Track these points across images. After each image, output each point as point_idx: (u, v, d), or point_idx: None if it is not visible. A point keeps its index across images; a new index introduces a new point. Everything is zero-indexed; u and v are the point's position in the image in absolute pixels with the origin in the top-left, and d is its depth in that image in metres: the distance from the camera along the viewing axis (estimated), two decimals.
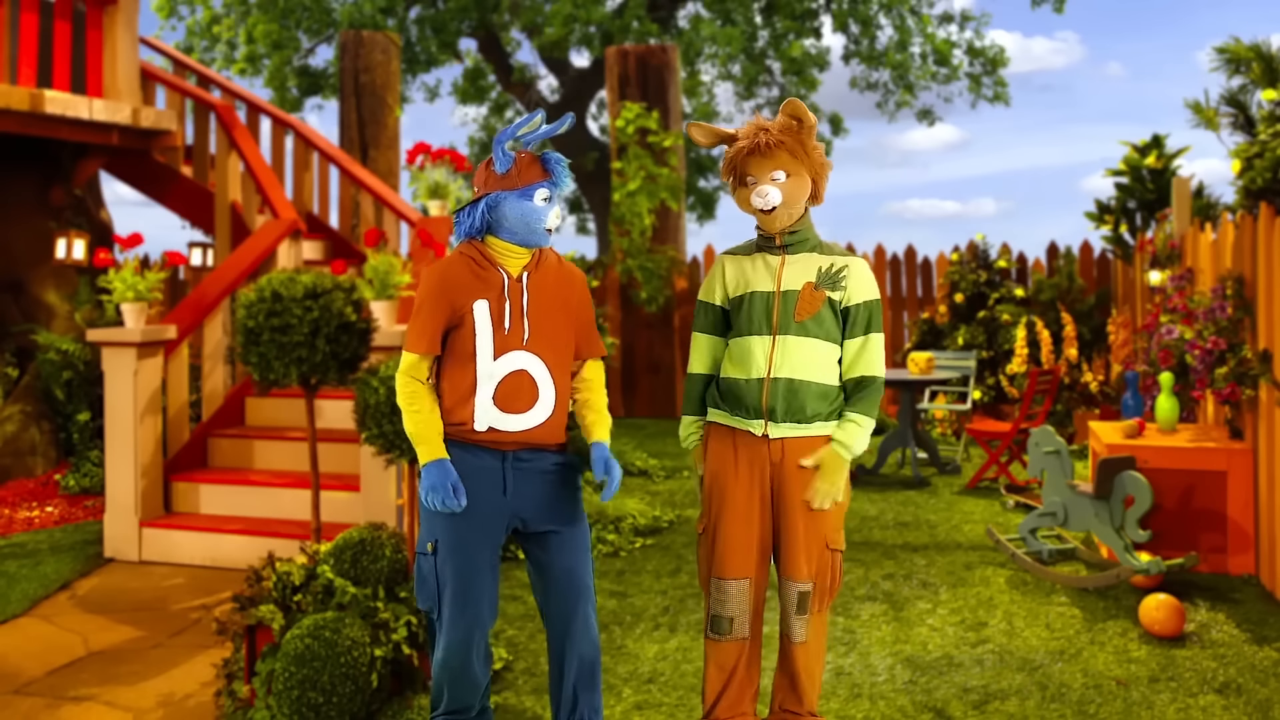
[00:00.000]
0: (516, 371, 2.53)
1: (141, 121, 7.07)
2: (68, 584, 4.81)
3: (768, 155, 2.57)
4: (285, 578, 3.27)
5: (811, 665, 2.67)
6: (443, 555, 2.54)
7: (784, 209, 2.60)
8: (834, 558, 2.65)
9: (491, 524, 2.56)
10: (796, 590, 2.61)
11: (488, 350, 2.51)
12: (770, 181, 2.59)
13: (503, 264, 2.55)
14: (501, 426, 2.52)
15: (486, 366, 2.51)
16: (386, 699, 3.12)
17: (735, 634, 2.67)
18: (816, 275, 2.61)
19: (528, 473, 2.57)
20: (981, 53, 15.53)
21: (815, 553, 2.62)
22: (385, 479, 4.81)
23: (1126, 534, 4.27)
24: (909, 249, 9.60)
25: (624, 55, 10.19)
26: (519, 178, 2.51)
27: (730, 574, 2.65)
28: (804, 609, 2.62)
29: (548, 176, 2.52)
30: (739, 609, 2.66)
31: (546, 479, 2.60)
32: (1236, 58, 6.12)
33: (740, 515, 2.65)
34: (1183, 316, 5.17)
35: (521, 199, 2.50)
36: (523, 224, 2.51)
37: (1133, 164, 7.41)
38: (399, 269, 5.01)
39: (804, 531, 2.61)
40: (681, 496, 6.38)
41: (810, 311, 2.58)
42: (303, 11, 14.39)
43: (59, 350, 6.68)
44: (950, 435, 8.25)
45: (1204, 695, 3.29)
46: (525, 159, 2.53)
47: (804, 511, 2.60)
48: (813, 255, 2.64)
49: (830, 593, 2.66)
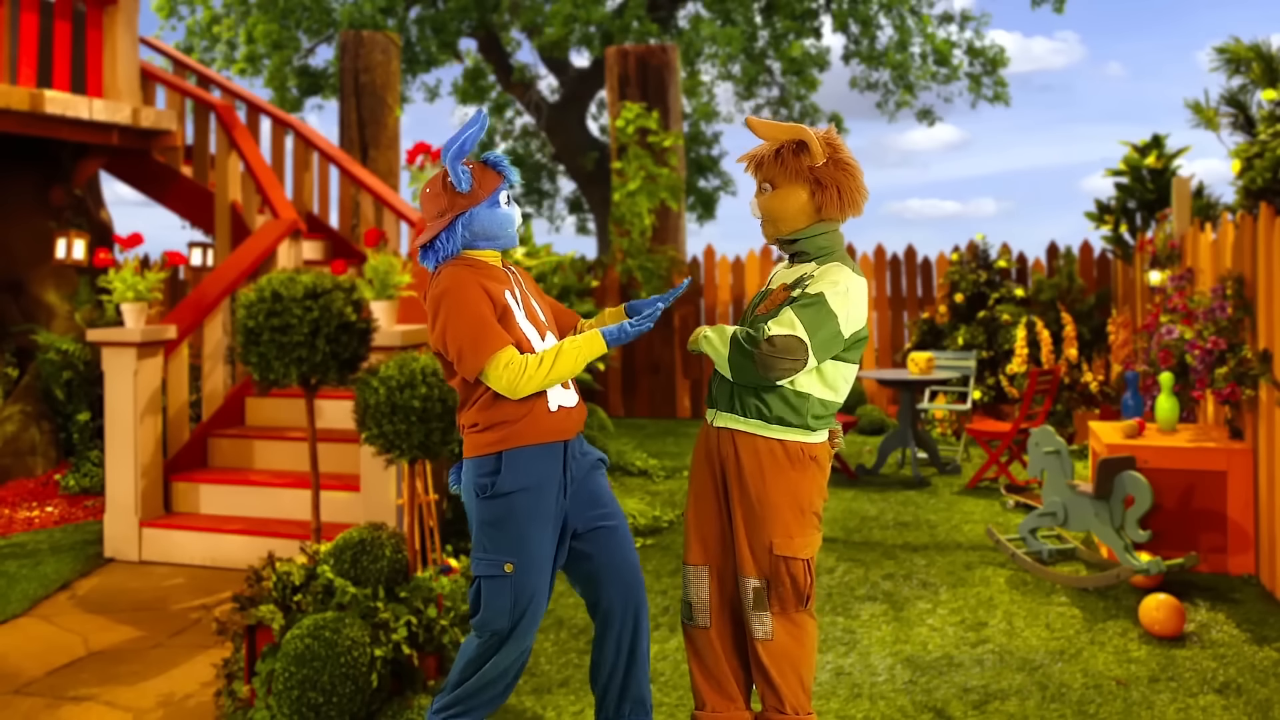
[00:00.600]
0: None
1: (141, 121, 7.07)
2: (68, 584, 4.81)
3: (759, 165, 2.63)
4: (285, 578, 3.27)
5: (781, 665, 2.59)
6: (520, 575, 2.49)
7: (766, 224, 2.65)
8: (787, 564, 2.55)
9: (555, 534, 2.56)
10: (749, 585, 2.59)
11: (534, 332, 2.55)
12: (759, 192, 2.64)
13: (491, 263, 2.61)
14: (566, 402, 2.56)
15: (539, 347, 2.54)
16: (386, 699, 3.12)
17: (697, 621, 2.70)
18: (794, 280, 2.61)
19: (580, 467, 2.61)
20: (981, 53, 15.53)
21: (760, 553, 2.57)
22: (385, 479, 4.81)
23: (1126, 534, 4.27)
24: (909, 249, 9.60)
25: (624, 55, 10.19)
26: (481, 189, 2.52)
27: (690, 559, 2.72)
28: (759, 605, 2.58)
29: (502, 178, 2.56)
30: (696, 595, 2.70)
31: (591, 474, 2.64)
32: (1236, 58, 6.13)
33: (699, 502, 2.71)
34: (1183, 316, 5.17)
35: (491, 208, 2.53)
36: (499, 229, 2.55)
37: (1133, 164, 7.41)
38: (399, 269, 5.01)
39: (744, 529, 2.60)
40: (681, 496, 6.38)
41: (769, 308, 2.59)
42: (303, 11, 14.39)
43: (59, 350, 6.68)
44: (950, 435, 8.25)
45: (1204, 695, 3.29)
46: (478, 169, 2.54)
47: (743, 509, 2.60)
48: (809, 265, 2.62)
49: (793, 599, 2.57)
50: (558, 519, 2.55)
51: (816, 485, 2.61)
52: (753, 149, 2.67)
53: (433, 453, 3.89)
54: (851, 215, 2.65)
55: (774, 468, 2.56)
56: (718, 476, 2.66)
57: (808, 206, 2.60)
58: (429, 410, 3.80)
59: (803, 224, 2.62)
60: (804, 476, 2.58)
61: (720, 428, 2.63)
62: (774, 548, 2.56)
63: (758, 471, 2.57)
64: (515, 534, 2.48)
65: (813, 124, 16.36)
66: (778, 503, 2.56)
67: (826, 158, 2.58)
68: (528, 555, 2.48)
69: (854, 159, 2.63)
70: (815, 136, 2.58)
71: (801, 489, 2.58)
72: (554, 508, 2.53)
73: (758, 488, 2.57)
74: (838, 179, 2.58)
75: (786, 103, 16.15)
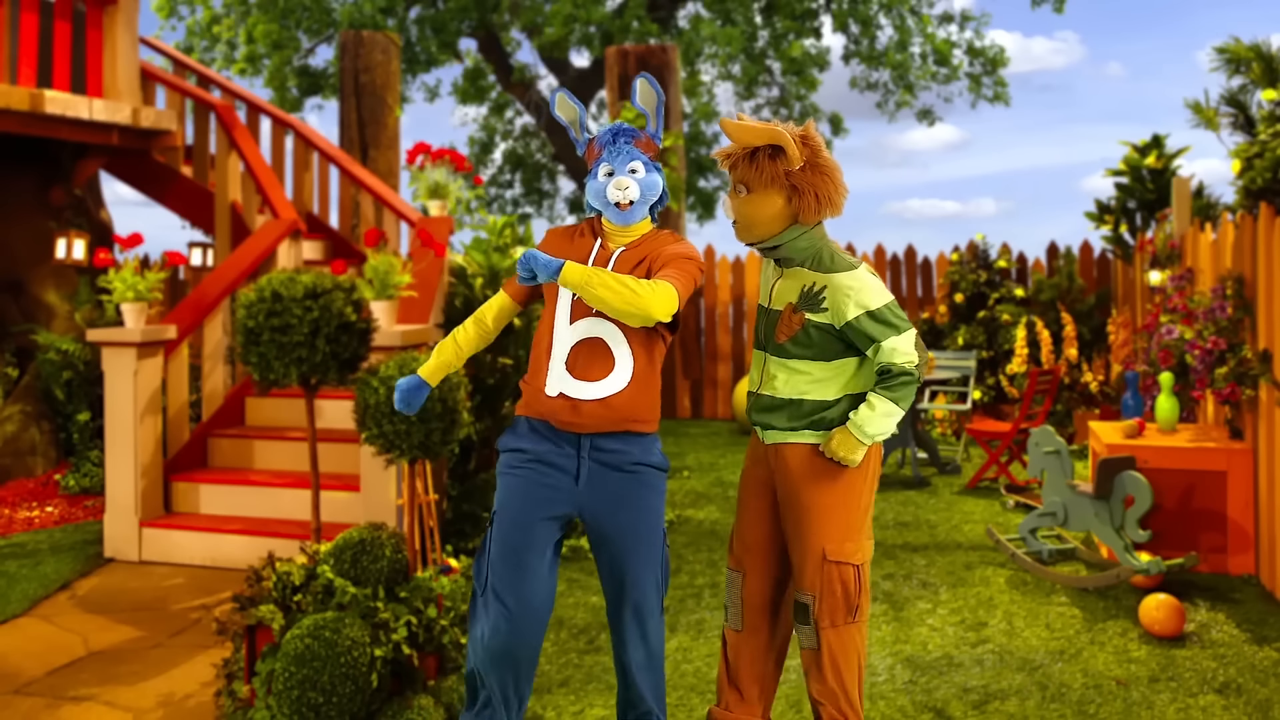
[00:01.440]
0: (591, 339, 2.49)
1: (141, 121, 7.07)
2: (68, 584, 4.80)
3: (734, 167, 2.55)
4: (285, 578, 3.27)
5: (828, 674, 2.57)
6: (497, 526, 2.51)
7: (740, 228, 2.57)
8: (839, 570, 2.53)
9: (553, 508, 2.51)
10: (797, 599, 2.59)
11: (565, 313, 2.51)
12: (734, 193, 2.57)
13: (606, 238, 2.58)
14: (572, 393, 2.48)
15: (563, 330, 2.51)
16: (386, 699, 3.12)
17: (730, 623, 2.72)
18: (798, 296, 2.56)
19: (606, 467, 2.51)
20: (981, 53, 15.53)
21: (813, 562, 2.54)
22: (385, 479, 4.81)
23: (1126, 534, 4.27)
24: (909, 249, 9.60)
25: (624, 55, 10.18)
26: (588, 162, 2.61)
27: (730, 564, 2.73)
28: (803, 619, 2.57)
29: (600, 152, 2.55)
30: (730, 598, 2.71)
31: (625, 481, 2.53)
32: (1236, 58, 6.12)
33: (744, 508, 2.71)
34: (1183, 316, 5.17)
35: (590, 179, 2.57)
36: (598, 200, 2.56)
37: (1133, 164, 7.41)
38: (399, 269, 5.00)
39: (799, 540, 2.57)
40: (681, 496, 6.38)
41: (789, 333, 2.55)
42: (303, 11, 14.39)
43: (59, 350, 6.68)
44: (950, 435, 8.25)
45: (1204, 695, 3.29)
46: (590, 143, 2.61)
47: (794, 520, 2.57)
48: (802, 271, 2.56)
49: (843, 609, 2.54)
50: (558, 498, 2.51)
51: (868, 488, 2.60)
52: (727, 147, 2.59)
53: (433, 453, 3.89)
54: (830, 216, 2.56)
55: (827, 473, 2.55)
56: (769, 487, 2.65)
57: (784, 212, 2.51)
58: (429, 410, 3.80)
59: (778, 229, 2.53)
60: (855, 479, 2.57)
61: (771, 444, 2.62)
62: (826, 554, 2.53)
63: (811, 478, 2.55)
64: (501, 488, 2.55)
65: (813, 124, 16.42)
66: (831, 507, 2.54)
67: (804, 161, 2.48)
68: (506, 511, 2.51)
69: (831, 159, 2.53)
70: (792, 138, 2.46)
71: (853, 492, 2.57)
72: (551, 482, 2.50)
73: (810, 494, 2.55)
74: (815, 184, 2.49)
75: (786, 103, 16.15)
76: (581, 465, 2.51)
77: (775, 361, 2.59)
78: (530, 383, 2.57)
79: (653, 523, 2.56)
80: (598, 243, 2.56)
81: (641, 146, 2.54)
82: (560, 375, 2.50)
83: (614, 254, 2.53)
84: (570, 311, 2.50)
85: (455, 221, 5.96)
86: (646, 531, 2.55)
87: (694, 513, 5.93)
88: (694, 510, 5.99)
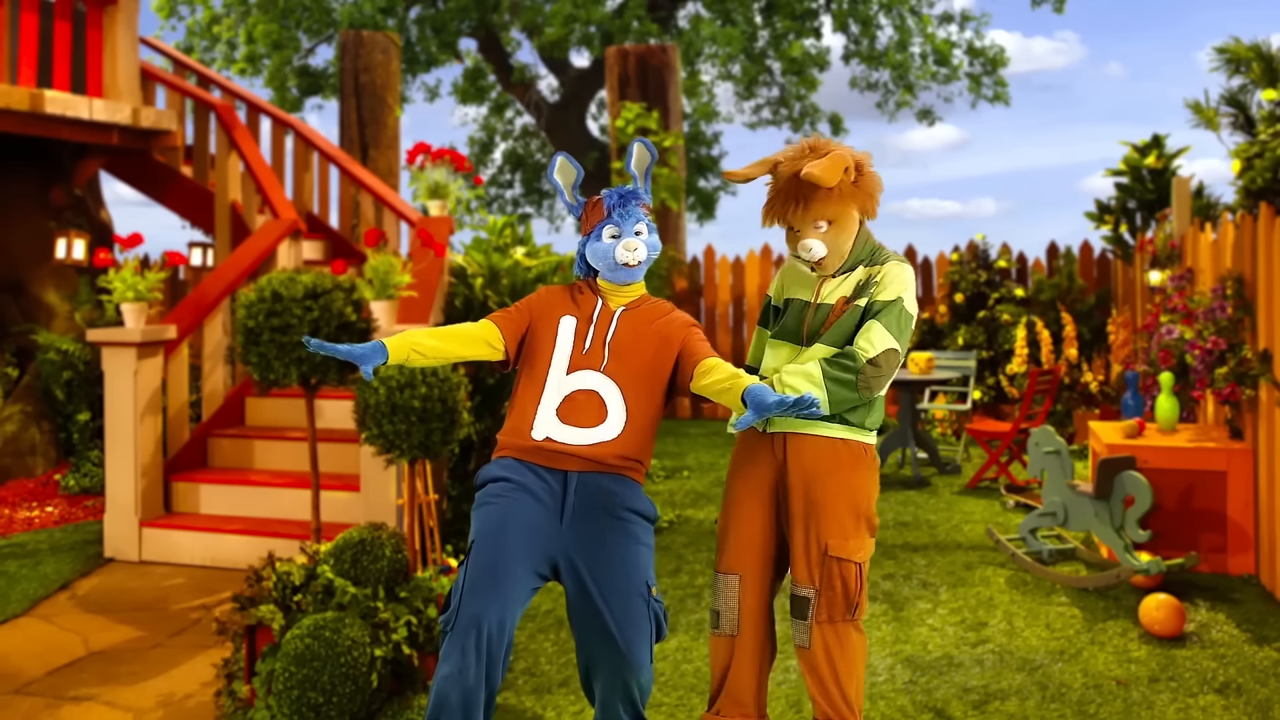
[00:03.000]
0: (587, 390, 2.47)
1: (141, 121, 7.07)
2: (68, 584, 4.80)
3: (806, 206, 2.51)
4: (285, 578, 3.27)
5: (823, 672, 2.57)
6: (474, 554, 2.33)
7: (832, 257, 2.56)
8: (841, 567, 2.53)
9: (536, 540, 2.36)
10: (795, 594, 2.58)
11: (563, 363, 2.51)
12: (813, 232, 2.54)
13: (605, 297, 2.60)
14: (559, 438, 2.42)
15: (558, 378, 2.49)
16: (386, 699, 3.12)
17: (724, 629, 2.66)
18: (854, 289, 2.57)
19: (592, 507, 2.40)
20: (981, 53, 15.53)
21: (814, 556, 2.54)
22: (385, 479, 4.81)
23: (1126, 534, 4.27)
24: (909, 249, 9.60)
25: (624, 55, 10.19)
26: (587, 223, 2.61)
27: (723, 567, 2.67)
28: (802, 614, 2.56)
29: (606, 215, 2.56)
30: (725, 603, 2.65)
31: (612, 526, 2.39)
32: (1236, 58, 6.12)
33: (740, 509, 2.66)
34: (1183, 316, 5.17)
35: (594, 241, 2.57)
36: (602, 263, 2.57)
37: (1133, 164, 7.41)
38: (399, 269, 5.00)
39: (801, 534, 2.56)
40: (681, 496, 6.38)
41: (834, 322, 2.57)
42: (303, 11, 14.39)
43: (59, 350, 6.68)
44: (950, 435, 8.25)
45: (1204, 695, 3.29)
46: (590, 203, 2.62)
47: (801, 514, 2.56)
48: (857, 269, 2.60)
49: (841, 605, 2.54)
50: (541, 531, 2.36)
51: (873, 485, 2.61)
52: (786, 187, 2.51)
53: (433, 453, 3.89)
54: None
55: (835, 467, 2.55)
56: (769, 484, 2.63)
57: (857, 226, 2.58)
58: (429, 410, 3.80)
59: (855, 244, 2.59)
60: (862, 477, 2.57)
61: (776, 433, 2.60)
62: (829, 549, 2.53)
63: (817, 472, 2.55)
64: (480, 517, 2.42)
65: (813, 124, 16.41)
66: (835, 503, 2.54)
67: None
68: (487, 539, 2.34)
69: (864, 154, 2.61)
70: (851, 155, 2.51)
71: (859, 490, 2.57)
72: (536, 513, 2.37)
73: (817, 489, 2.55)
74: (869, 187, 2.56)
75: (786, 103, 16.16)
76: (567, 502, 2.40)
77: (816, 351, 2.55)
78: (511, 430, 2.48)
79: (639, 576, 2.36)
80: (600, 302, 2.59)
81: (645, 209, 2.60)
82: (549, 420, 2.44)
83: (615, 314, 2.56)
84: (569, 362, 2.50)
85: (455, 221, 5.96)
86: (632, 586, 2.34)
87: (694, 513, 5.93)
88: (694, 510, 5.99)
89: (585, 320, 2.55)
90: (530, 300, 2.63)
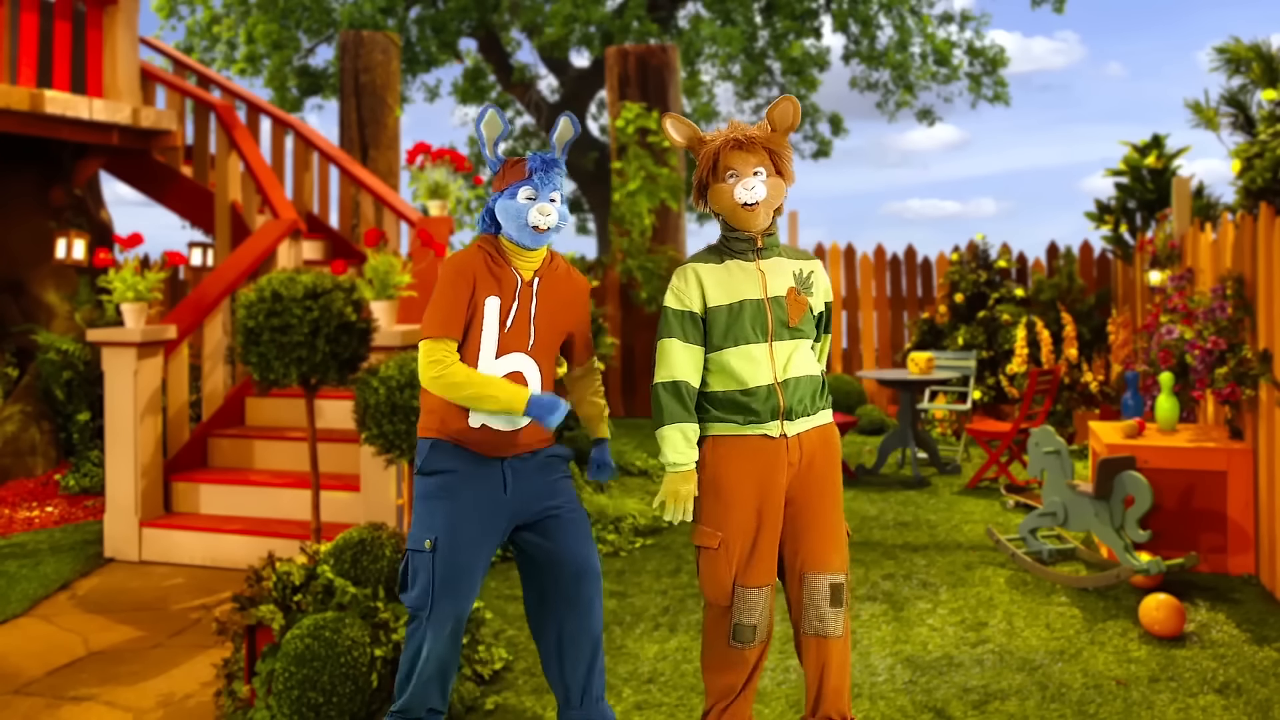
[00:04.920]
0: (514, 373, 2.60)
1: (141, 121, 7.07)
2: (68, 584, 4.81)
3: (752, 150, 2.61)
4: (285, 578, 3.27)
5: (843, 660, 2.64)
6: (442, 552, 2.53)
7: (765, 206, 2.62)
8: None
9: (493, 521, 2.60)
10: (828, 583, 2.61)
11: (491, 348, 2.57)
12: (753, 175, 2.62)
13: (515, 264, 2.63)
14: (494, 424, 2.58)
15: (488, 364, 2.57)
16: (386, 699, 3.12)
17: (755, 641, 2.64)
18: (794, 279, 2.66)
19: (524, 471, 2.65)
20: (981, 53, 15.53)
21: (843, 541, 2.67)
22: (385, 479, 4.81)
23: (1126, 534, 4.27)
24: (909, 249, 9.60)
25: (624, 55, 10.19)
26: (503, 179, 2.64)
27: (755, 582, 2.61)
28: (839, 601, 2.61)
29: (527, 176, 2.61)
30: (760, 616, 2.62)
31: (540, 470, 2.68)
32: (1236, 58, 6.12)
33: (766, 524, 2.61)
34: (1183, 316, 5.17)
35: (507, 198, 2.61)
36: (512, 222, 2.60)
37: (1133, 164, 7.41)
38: (399, 269, 5.01)
39: (821, 522, 2.63)
40: None
41: (799, 315, 2.64)
42: (303, 11, 14.39)
43: (59, 350, 6.68)
44: (950, 435, 8.25)
45: (1204, 695, 3.29)
46: (510, 162, 2.65)
47: (830, 502, 2.64)
48: (782, 260, 2.69)
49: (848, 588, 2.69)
50: (500, 511, 2.60)
51: None
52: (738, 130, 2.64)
53: None
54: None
55: (834, 450, 2.70)
56: (781, 489, 2.62)
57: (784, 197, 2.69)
58: None
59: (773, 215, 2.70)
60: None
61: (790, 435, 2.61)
62: (849, 530, 2.71)
63: (834, 456, 2.69)
64: (441, 512, 2.55)
65: (813, 124, 16.42)
66: (839, 485, 2.71)
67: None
68: (449, 535, 2.54)
69: None
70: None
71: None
72: (485, 497, 2.58)
73: (835, 472, 2.68)
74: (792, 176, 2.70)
75: None
76: (506, 476, 2.61)
77: (789, 345, 2.62)
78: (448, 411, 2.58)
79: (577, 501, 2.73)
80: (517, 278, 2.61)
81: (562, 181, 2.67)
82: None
83: (533, 287, 2.63)
84: (497, 345, 2.57)
85: (455, 221, 5.96)
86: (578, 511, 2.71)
87: None
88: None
89: (508, 299, 2.59)
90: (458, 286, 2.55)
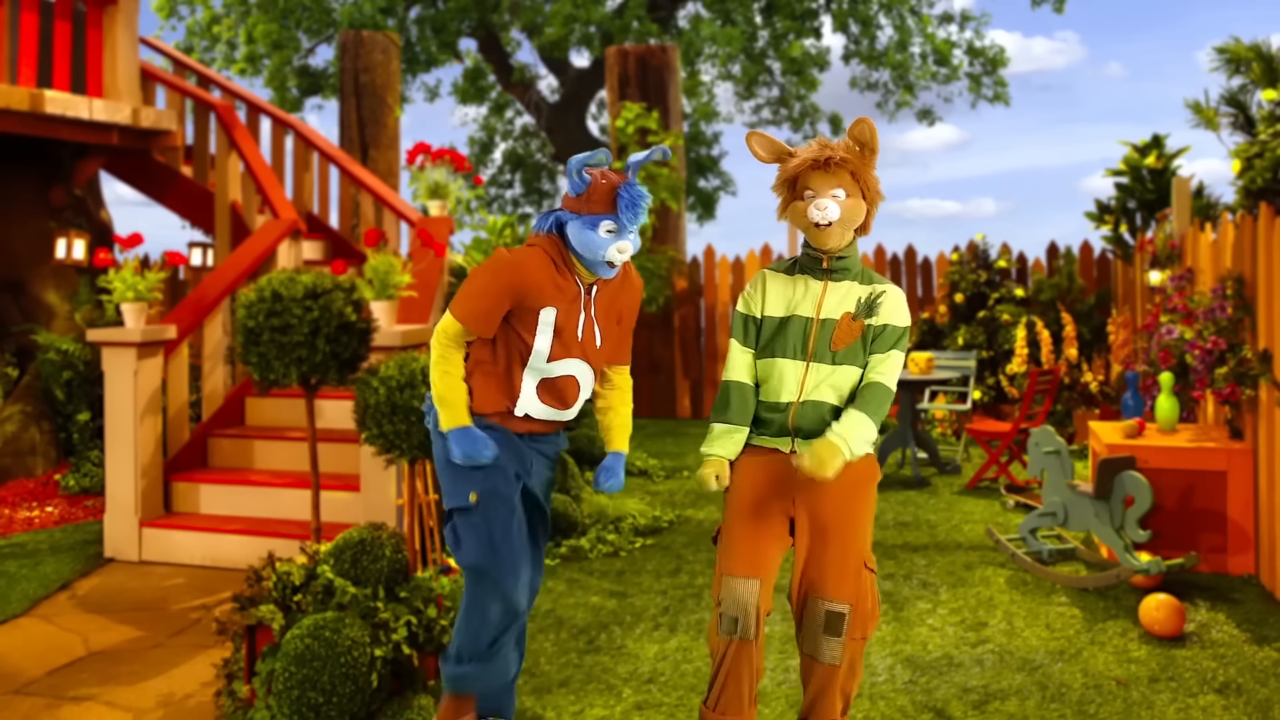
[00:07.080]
0: (567, 377, 2.61)
1: (141, 121, 7.07)
2: (68, 584, 4.80)
3: (832, 171, 2.55)
4: (285, 578, 3.27)
5: (845, 685, 2.62)
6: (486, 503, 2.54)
7: (840, 226, 2.57)
8: (870, 579, 2.60)
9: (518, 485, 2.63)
10: (826, 609, 2.57)
11: (544, 352, 2.56)
12: (830, 197, 2.57)
13: (579, 272, 2.58)
14: (537, 415, 2.62)
15: (539, 364, 2.58)
16: (386, 699, 3.12)
17: (742, 634, 2.63)
18: (855, 305, 2.60)
19: (541, 455, 2.70)
20: (981, 53, 15.54)
21: (852, 572, 2.57)
22: (385, 479, 4.81)
23: (1126, 534, 4.27)
24: (909, 249, 9.61)
25: (624, 55, 10.19)
26: (586, 204, 2.50)
27: (740, 571, 2.62)
28: (836, 630, 2.56)
29: (613, 211, 2.48)
30: (746, 608, 2.62)
31: (551, 464, 2.76)
32: (1236, 58, 6.12)
33: (761, 516, 2.63)
34: (1183, 316, 5.17)
35: (585, 226, 2.49)
36: (588, 251, 2.51)
37: (1133, 164, 7.41)
38: (399, 269, 5.01)
39: (840, 549, 2.57)
40: (681, 496, 6.38)
41: (847, 341, 2.59)
42: (303, 11, 14.39)
43: (59, 350, 6.68)
44: (950, 435, 8.25)
45: (1204, 695, 3.29)
46: (602, 188, 2.50)
47: (839, 528, 2.58)
48: (854, 284, 2.63)
49: (872, 618, 2.61)
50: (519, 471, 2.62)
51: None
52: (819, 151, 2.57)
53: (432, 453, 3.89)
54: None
55: (862, 483, 2.62)
56: (788, 501, 2.63)
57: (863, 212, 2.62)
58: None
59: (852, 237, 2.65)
60: (874, 489, 2.69)
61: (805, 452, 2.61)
62: (867, 562, 2.61)
63: (856, 486, 2.61)
64: (477, 474, 2.56)
65: (813, 124, 16.42)
66: (864, 518, 2.63)
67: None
68: (491, 486, 2.55)
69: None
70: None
71: (874, 500, 2.70)
72: (512, 455, 2.60)
73: (855, 504, 2.61)
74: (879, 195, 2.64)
75: (786, 103, 16.17)
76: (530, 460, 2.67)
77: (823, 369, 2.58)
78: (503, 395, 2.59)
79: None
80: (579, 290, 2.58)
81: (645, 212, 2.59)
82: (530, 399, 2.60)
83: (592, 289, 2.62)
84: (549, 352, 2.57)
85: (455, 221, 5.97)
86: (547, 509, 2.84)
87: (694, 513, 5.93)
88: (694, 510, 5.99)
89: (567, 310, 2.55)
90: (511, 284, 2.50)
